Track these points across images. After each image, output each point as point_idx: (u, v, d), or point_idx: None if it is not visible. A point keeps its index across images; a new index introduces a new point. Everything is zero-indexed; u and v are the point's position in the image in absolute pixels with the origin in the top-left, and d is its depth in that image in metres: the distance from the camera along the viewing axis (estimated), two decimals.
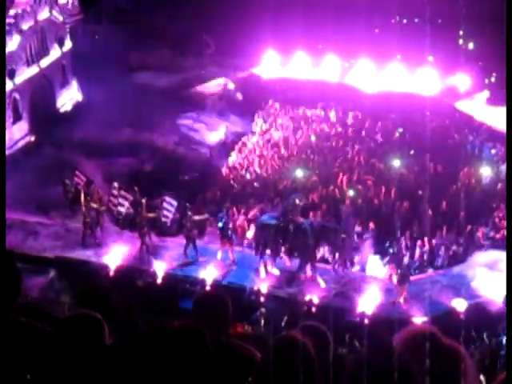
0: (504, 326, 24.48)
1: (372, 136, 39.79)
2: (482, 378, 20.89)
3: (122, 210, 31.65)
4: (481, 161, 37.71)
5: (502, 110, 40.30)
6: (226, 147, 40.81)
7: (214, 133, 42.12)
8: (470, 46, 42.59)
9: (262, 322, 25.13)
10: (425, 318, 23.86)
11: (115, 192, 31.92)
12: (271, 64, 45.57)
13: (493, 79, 43.25)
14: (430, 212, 32.44)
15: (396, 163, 36.62)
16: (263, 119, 43.84)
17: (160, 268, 27.68)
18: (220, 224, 29.20)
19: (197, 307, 6.34)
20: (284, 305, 25.46)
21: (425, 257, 30.12)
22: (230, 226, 29.49)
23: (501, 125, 39.38)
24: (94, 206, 30.61)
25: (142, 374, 3.79)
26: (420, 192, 33.41)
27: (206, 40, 49.36)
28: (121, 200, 31.64)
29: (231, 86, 45.99)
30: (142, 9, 46.79)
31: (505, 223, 31.55)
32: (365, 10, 43.27)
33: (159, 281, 27.31)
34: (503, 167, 36.43)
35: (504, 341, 23.92)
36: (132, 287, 25.92)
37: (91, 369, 4.59)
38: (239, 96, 45.79)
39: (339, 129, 41.23)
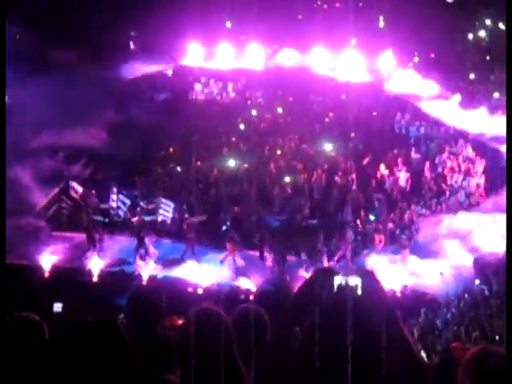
0: (443, 302, 25.00)
1: (302, 121, 39.86)
2: (423, 353, 21.28)
3: (121, 213, 31.28)
4: (408, 141, 38.13)
5: (426, 87, 40.90)
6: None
7: None
8: (392, 27, 42.97)
9: None
10: None
11: (114, 196, 31.56)
12: (196, 56, 45.39)
13: (416, 59, 43.76)
14: (361, 194, 32.85)
15: (327, 147, 36.86)
16: None
17: (96, 266, 27.45)
18: (224, 227, 28.66)
19: (131, 302, 6.37)
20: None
21: (359, 238, 30.47)
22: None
23: (426, 104, 39.92)
24: (97, 218, 30.02)
25: (63, 369, 3.79)
26: (351, 175, 33.72)
27: (130, 34, 49.01)
28: (119, 204, 31.24)
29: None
30: (64, 7, 46.06)
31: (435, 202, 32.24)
32: None
33: (95, 279, 27.11)
34: (431, 146, 36.92)
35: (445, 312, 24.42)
36: (70, 287, 25.60)
37: (33, 369, 4.56)
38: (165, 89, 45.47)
39: (268, 115, 41.17)
